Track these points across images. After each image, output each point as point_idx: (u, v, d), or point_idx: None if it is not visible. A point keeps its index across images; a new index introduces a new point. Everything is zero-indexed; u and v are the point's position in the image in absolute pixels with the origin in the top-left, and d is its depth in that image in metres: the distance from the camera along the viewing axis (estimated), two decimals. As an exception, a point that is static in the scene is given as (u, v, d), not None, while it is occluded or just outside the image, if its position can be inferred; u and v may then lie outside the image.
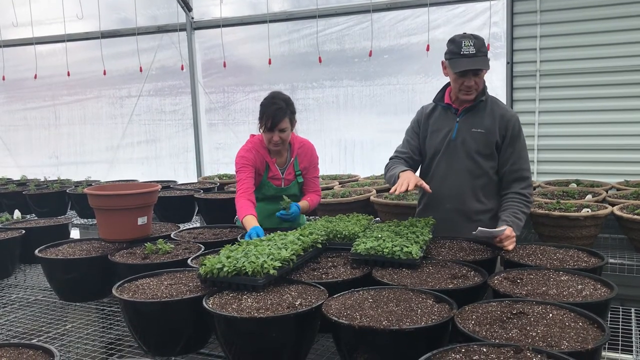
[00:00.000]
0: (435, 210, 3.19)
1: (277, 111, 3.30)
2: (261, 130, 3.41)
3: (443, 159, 3.16)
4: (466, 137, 3.08)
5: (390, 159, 3.35)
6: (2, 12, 7.41)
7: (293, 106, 3.44)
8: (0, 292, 3.22)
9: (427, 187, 2.91)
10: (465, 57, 2.93)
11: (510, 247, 2.76)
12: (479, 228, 2.82)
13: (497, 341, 1.75)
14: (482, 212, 3.10)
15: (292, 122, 3.43)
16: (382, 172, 5.49)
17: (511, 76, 5.09)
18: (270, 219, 3.52)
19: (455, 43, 2.96)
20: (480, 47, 2.94)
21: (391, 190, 2.86)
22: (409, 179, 2.87)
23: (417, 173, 3.27)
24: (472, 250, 2.82)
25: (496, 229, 2.77)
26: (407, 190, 2.83)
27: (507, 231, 2.77)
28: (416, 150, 3.28)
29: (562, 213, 3.47)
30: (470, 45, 2.92)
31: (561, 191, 4.19)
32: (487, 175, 3.09)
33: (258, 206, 3.55)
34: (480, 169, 3.08)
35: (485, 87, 3.10)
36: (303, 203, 3.49)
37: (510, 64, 5.07)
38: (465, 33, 3.03)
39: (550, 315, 1.93)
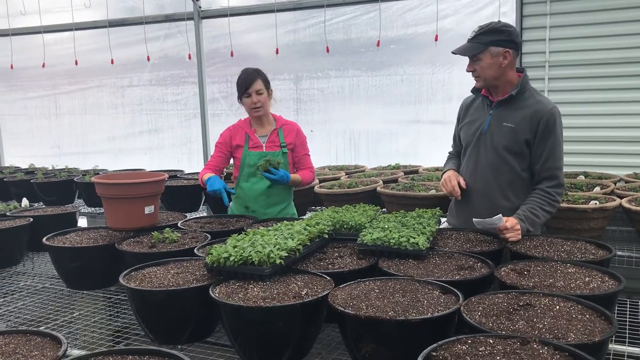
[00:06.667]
0: (464, 205, 3.14)
1: (248, 76, 3.55)
2: (240, 102, 3.61)
3: (473, 152, 3.09)
4: (496, 131, 2.98)
5: (448, 153, 3.46)
6: (11, 0, 7.40)
7: (265, 75, 3.63)
8: (8, 280, 3.24)
9: (463, 182, 3.09)
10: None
11: (513, 239, 2.73)
12: (474, 219, 2.80)
13: (503, 333, 1.74)
14: (510, 210, 2.92)
15: (268, 89, 3.62)
16: (388, 163, 5.56)
17: (520, 66, 5.04)
18: (258, 200, 3.61)
19: None
20: (479, 33, 2.89)
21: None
22: (447, 179, 3.11)
23: None
24: (479, 242, 2.81)
25: (491, 218, 2.73)
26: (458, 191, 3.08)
27: (507, 222, 2.73)
28: (460, 144, 3.28)
29: (569, 205, 3.45)
30: (475, 31, 2.93)
31: (569, 183, 4.16)
32: (514, 172, 2.98)
33: (243, 187, 3.60)
34: (507, 166, 2.97)
35: (523, 80, 2.96)
36: (294, 175, 3.63)
37: (519, 54, 5.03)
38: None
39: (557, 307, 1.92)
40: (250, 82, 3.52)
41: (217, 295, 2.11)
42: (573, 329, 1.75)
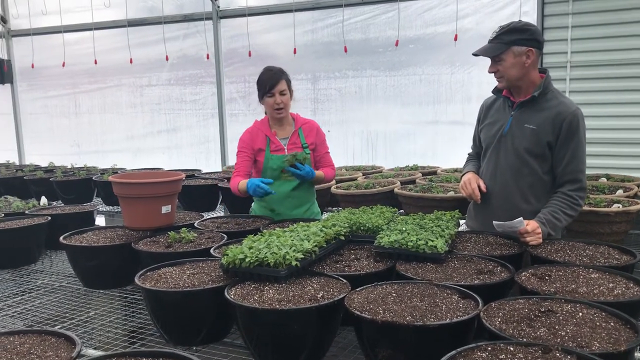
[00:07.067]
0: (484, 207, 3.09)
1: (273, 75, 3.47)
2: (262, 101, 3.54)
3: (493, 154, 3.04)
4: (517, 133, 2.91)
5: (468, 155, 3.40)
6: (33, 0, 7.48)
7: (288, 75, 3.55)
8: (26, 278, 3.26)
9: (483, 186, 3.03)
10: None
11: (533, 243, 2.68)
12: (494, 222, 2.76)
13: (524, 340, 1.70)
14: (530, 213, 2.85)
15: (290, 89, 3.54)
16: (406, 164, 5.51)
17: (541, 67, 4.97)
18: (283, 203, 3.57)
19: None
20: (500, 33, 2.82)
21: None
22: (467, 182, 3.05)
23: None
24: (499, 245, 2.76)
25: (512, 221, 2.68)
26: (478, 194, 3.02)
27: (529, 226, 2.68)
28: (480, 146, 3.23)
29: (591, 208, 3.38)
30: (496, 31, 2.86)
31: (591, 186, 4.09)
32: (535, 175, 2.91)
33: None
34: (528, 168, 2.91)
35: (545, 80, 2.89)
36: (318, 172, 3.58)
37: (540, 55, 4.95)
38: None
39: (580, 314, 1.87)
40: (275, 82, 3.43)
41: (232, 296, 2.09)
42: (597, 337, 1.70)
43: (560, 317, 1.85)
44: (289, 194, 3.57)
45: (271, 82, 3.44)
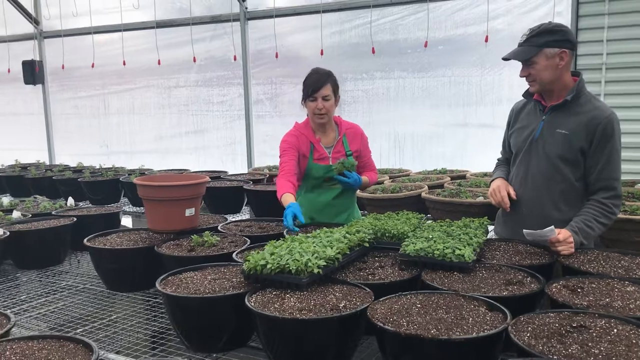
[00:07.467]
0: (513, 214, 2.99)
1: (318, 78, 3.32)
2: (304, 104, 3.40)
3: (523, 160, 2.94)
4: (549, 139, 2.81)
5: (497, 160, 3.32)
6: (64, 2, 7.59)
7: (335, 79, 3.40)
8: (51, 279, 3.28)
9: (513, 193, 2.94)
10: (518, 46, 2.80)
11: (565, 253, 2.58)
12: (524, 230, 2.67)
13: (555, 357, 1.62)
14: (562, 222, 2.73)
15: (336, 94, 3.39)
16: (434, 167, 5.42)
17: (575, 70, 4.84)
18: (323, 212, 3.47)
19: None
20: (531, 36, 2.72)
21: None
22: (497, 189, 2.96)
23: None
24: (529, 254, 2.67)
25: (543, 230, 2.58)
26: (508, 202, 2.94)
27: (560, 235, 2.58)
28: (510, 151, 3.14)
29: (627, 216, 3.25)
30: (526, 34, 2.76)
31: (626, 192, 3.94)
32: (567, 182, 2.80)
33: (308, 198, 3.49)
34: (560, 175, 2.80)
35: (579, 84, 2.77)
36: (364, 178, 3.46)
37: (575, 56, 4.81)
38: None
39: (615, 330, 1.77)
40: (319, 86, 3.29)
41: (252, 304, 2.05)
42: (633, 357, 1.61)
43: (594, 334, 1.76)
44: (329, 203, 3.47)
45: (315, 85, 3.29)
